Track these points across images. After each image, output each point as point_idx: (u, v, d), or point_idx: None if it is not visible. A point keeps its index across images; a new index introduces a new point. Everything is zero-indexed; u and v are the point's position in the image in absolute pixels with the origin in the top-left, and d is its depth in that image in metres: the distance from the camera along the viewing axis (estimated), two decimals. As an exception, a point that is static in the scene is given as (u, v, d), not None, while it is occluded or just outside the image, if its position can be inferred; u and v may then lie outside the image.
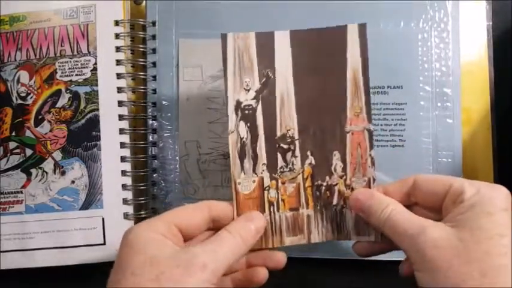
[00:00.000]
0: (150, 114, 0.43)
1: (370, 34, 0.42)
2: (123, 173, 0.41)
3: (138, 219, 0.41)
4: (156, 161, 0.43)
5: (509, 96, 0.44)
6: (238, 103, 0.34)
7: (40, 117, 0.42)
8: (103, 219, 0.41)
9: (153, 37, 0.43)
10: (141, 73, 0.43)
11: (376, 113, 0.42)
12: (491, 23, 0.43)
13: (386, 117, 0.42)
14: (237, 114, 0.34)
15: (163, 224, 0.29)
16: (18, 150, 0.42)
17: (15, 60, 0.43)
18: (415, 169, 0.42)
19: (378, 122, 0.42)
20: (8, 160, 0.42)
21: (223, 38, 0.34)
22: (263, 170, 0.34)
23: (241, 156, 0.34)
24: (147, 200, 0.42)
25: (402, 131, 0.42)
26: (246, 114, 0.34)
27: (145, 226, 0.29)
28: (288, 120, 0.35)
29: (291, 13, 0.43)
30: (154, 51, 0.43)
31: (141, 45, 0.43)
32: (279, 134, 0.35)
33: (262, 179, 0.34)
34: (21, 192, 0.41)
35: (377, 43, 0.43)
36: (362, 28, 0.35)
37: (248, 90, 0.34)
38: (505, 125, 0.43)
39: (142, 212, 0.42)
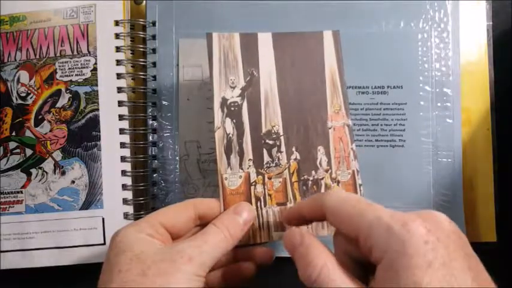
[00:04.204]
0: (150, 114, 0.43)
1: (370, 34, 0.43)
2: (123, 173, 0.41)
3: (138, 219, 0.41)
4: (156, 161, 0.43)
5: (509, 96, 0.44)
6: (224, 100, 0.35)
7: (40, 117, 0.42)
8: (103, 219, 0.41)
9: (153, 37, 0.43)
10: (141, 73, 0.43)
11: (376, 113, 0.42)
12: (491, 23, 0.43)
13: (386, 117, 0.42)
14: (223, 111, 0.35)
15: (149, 224, 0.30)
16: (18, 150, 0.42)
17: (15, 60, 0.42)
18: (415, 169, 0.42)
19: (378, 122, 0.42)
20: (8, 160, 0.42)
21: (209, 37, 0.35)
22: (249, 166, 0.35)
23: (228, 152, 0.35)
24: (147, 200, 0.42)
25: (402, 131, 0.42)
26: (232, 111, 0.35)
27: (132, 228, 0.29)
28: (273, 117, 0.36)
29: (291, 13, 0.43)
30: (154, 51, 0.43)
31: (141, 45, 0.43)
32: (264, 130, 0.35)
33: (248, 174, 0.34)
34: (21, 192, 0.41)
35: (377, 43, 0.43)
36: (336, 34, 0.37)
37: (234, 87, 0.35)
38: (505, 125, 0.43)
39: (142, 212, 0.41)
